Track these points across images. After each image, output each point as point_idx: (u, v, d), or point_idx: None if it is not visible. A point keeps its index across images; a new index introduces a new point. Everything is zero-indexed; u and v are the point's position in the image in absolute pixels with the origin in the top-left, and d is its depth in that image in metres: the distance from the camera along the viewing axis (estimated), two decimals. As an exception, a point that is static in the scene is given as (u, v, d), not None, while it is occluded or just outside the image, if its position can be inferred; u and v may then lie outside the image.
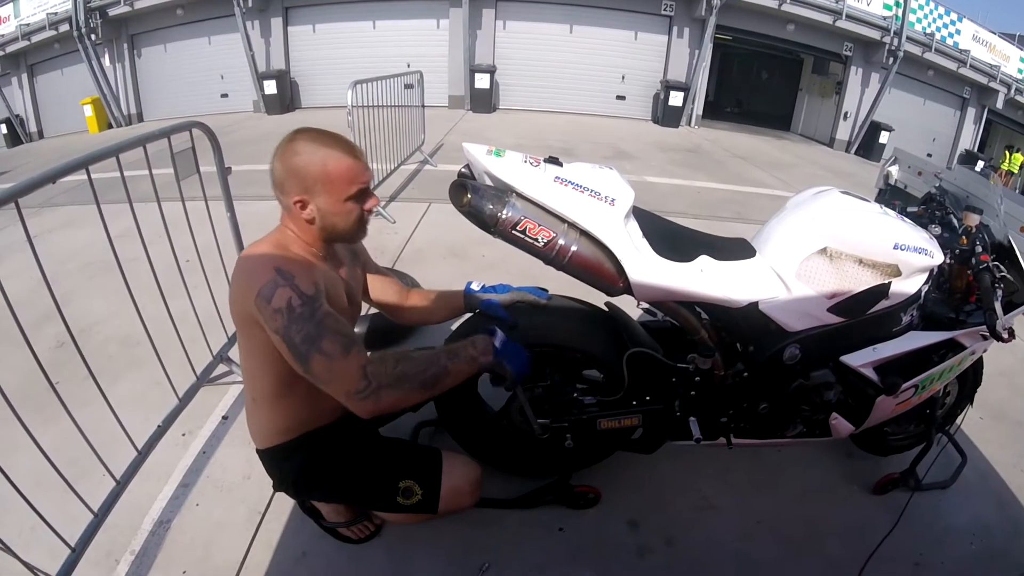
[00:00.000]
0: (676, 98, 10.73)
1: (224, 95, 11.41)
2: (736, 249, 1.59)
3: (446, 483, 1.47)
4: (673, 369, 1.64)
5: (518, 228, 1.38)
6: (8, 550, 1.30)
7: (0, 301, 1.34)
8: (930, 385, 1.74)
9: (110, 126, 11.53)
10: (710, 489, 1.97)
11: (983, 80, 12.35)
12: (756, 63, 13.88)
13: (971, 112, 13.01)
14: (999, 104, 12.71)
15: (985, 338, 1.69)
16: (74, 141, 9.93)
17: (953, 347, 1.71)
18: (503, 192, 1.39)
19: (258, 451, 1.50)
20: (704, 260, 1.49)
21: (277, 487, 1.54)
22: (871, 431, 1.93)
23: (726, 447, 1.78)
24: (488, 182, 1.43)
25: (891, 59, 11.18)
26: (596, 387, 1.77)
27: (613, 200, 1.40)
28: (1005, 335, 1.58)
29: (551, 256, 1.40)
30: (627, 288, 1.46)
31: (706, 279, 1.48)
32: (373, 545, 1.68)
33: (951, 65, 11.90)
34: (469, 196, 1.37)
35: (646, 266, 1.43)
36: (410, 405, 1.39)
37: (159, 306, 1.98)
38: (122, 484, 1.72)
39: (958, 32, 11.99)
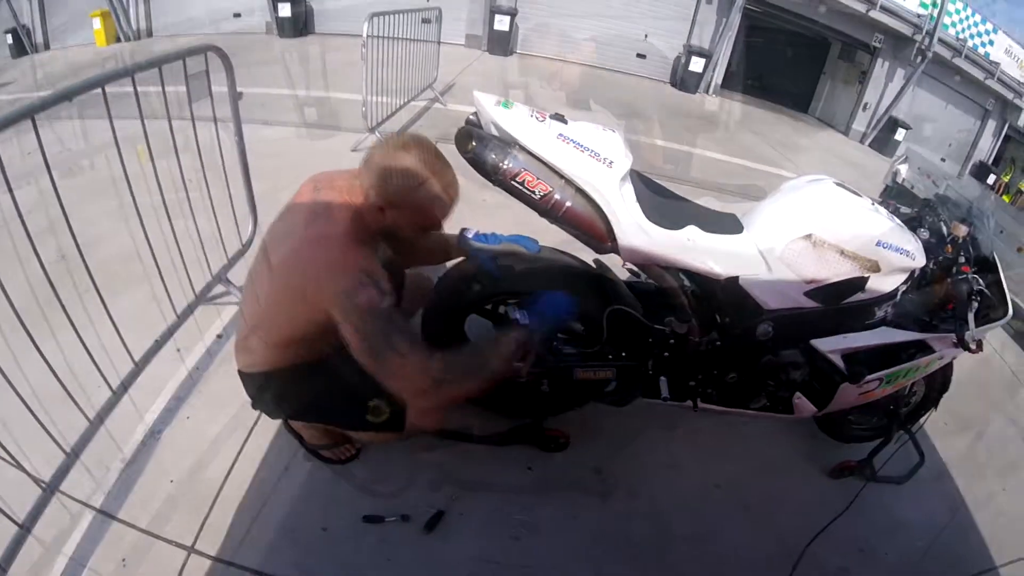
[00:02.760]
0: (697, 64, 10.33)
1: (237, 14, 10.96)
2: (725, 224, 1.65)
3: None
4: (650, 329, 1.71)
5: (517, 179, 1.43)
6: (4, 457, 1.35)
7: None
8: (895, 381, 1.80)
9: (118, 40, 11.23)
10: (677, 449, 2.07)
11: (1009, 95, 12.03)
12: (782, 40, 13.47)
13: (992, 125, 12.77)
14: (1021, 121, 12.48)
15: (955, 345, 1.72)
16: (80, 53, 9.65)
17: (922, 348, 1.76)
18: (507, 143, 1.43)
19: (240, 372, 1.57)
20: (692, 230, 1.54)
21: (255, 405, 1.61)
22: (834, 417, 2.02)
23: (692, 410, 1.87)
24: (494, 132, 1.47)
25: (919, 58, 10.91)
26: (576, 338, 1.84)
27: (611, 162, 1.44)
28: (973, 346, 1.62)
29: (546, 209, 1.46)
30: (615, 248, 1.52)
31: (691, 249, 1.54)
32: (351, 466, 1.77)
33: (979, 74, 11.58)
34: (474, 144, 1.42)
35: (635, 229, 1.48)
36: (460, 399, 1.35)
37: (161, 225, 2.00)
38: (118, 394, 1.77)
39: (991, 43, 11.60)
